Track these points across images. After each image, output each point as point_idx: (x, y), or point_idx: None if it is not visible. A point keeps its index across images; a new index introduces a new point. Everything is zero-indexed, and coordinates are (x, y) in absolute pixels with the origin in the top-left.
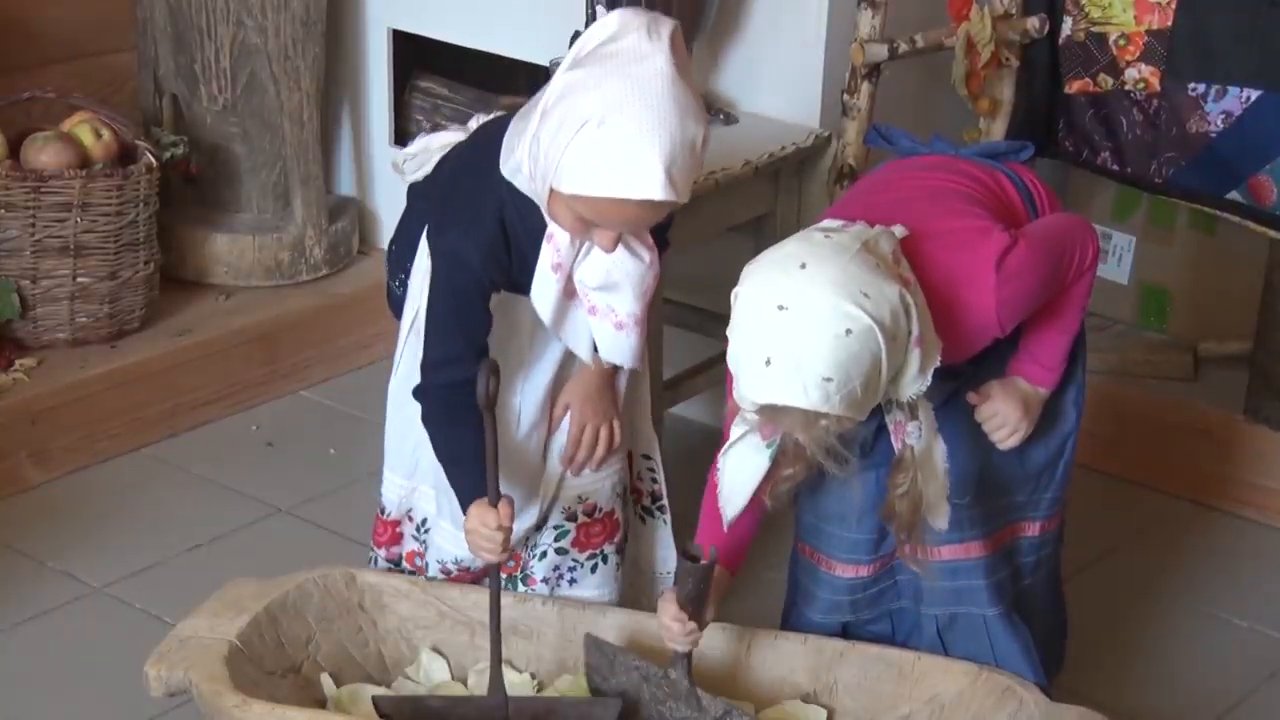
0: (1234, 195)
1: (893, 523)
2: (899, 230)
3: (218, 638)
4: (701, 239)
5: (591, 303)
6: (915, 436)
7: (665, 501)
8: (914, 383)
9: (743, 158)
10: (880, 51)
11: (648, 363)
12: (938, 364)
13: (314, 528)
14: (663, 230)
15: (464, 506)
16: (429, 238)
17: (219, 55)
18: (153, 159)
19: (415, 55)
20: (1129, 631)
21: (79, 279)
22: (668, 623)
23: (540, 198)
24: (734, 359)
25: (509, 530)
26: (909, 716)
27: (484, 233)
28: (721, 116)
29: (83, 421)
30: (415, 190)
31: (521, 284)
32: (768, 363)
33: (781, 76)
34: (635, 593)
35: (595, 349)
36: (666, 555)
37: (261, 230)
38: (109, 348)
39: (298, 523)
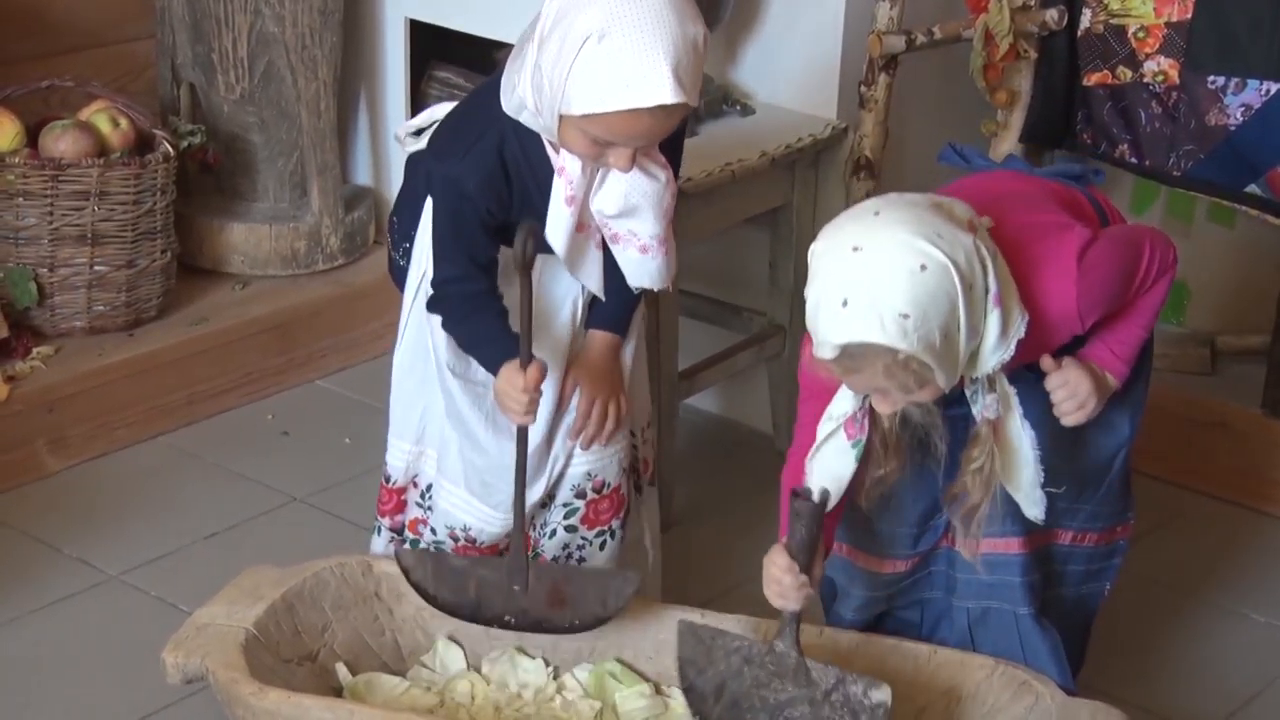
0: (1253, 188)
1: (957, 504)
2: (986, 221)
3: (234, 625)
4: (717, 230)
5: (613, 231)
6: (993, 410)
7: (653, 470)
8: (996, 351)
9: (759, 149)
10: (897, 43)
11: (644, 340)
12: (1021, 335)
13: (329, 516)
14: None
15: (493, 372)
16: (427, 166)
17: (236, 44)
18: (170, 148)
19: (432, 44)
20: (1144, 625)
21: (96, 267)
22: (779, 575)
23: (549, 128)
24: (813, 306)
25: (535, 394)
26: (925, 709)
27: (482, 163)
28: (738, 108)
29: (99, 410)
30: (414, 160)
31: (522, 219)
32: (845, 303)
33: (798, 68)
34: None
35: (605, 285)
36: (654, 524)
37: (278, 219)
38: (126, 336)
39: (313, 511)
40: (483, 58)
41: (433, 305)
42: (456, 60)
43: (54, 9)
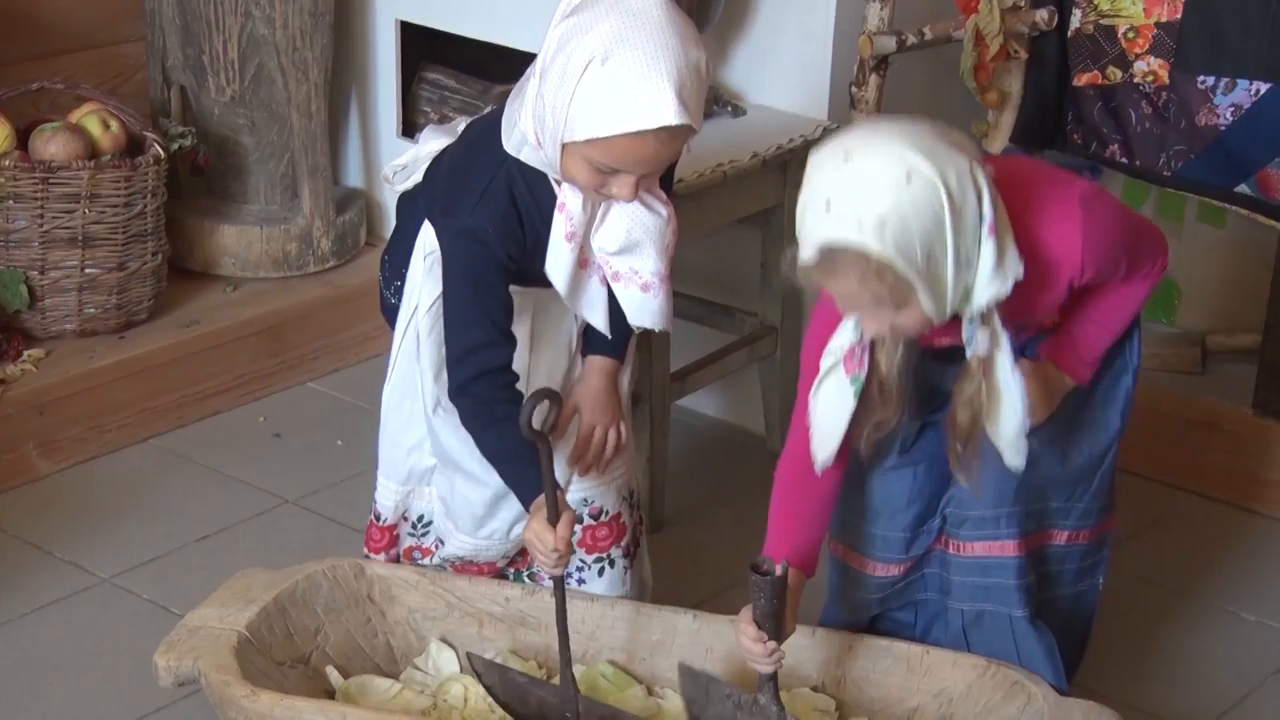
0: (1243, 188)
1: (952, 431)
2: (989, 169)
3: (227, 628)
4: (709, 231)
5: (614, 269)
6: (984, 346)
7: (640, 513)
8: (991, 284)
9: (750, 150)
10: (888, 44)
11: (637, 367)
12: (1019, 276)
13: (321, 519)
14: None
15: (524, 504)
16: (436, 225)
17: (227, 46)
18: (161, 150)
19: (423, 46)
20: (1136, 625)
21: (87, 270)
22: (748, 645)
23: (552, 161)
24: (800, 208)
25: (566, 551)
26: (917, 710)
27: (496, 207)
28: (729, 109)
29: (90, 412)
30: (406, 199)
31: (534, 262)
32: (828, 205)
33: (789, 69)
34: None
35: (609, 321)
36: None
37: (269, 222)
38: (117, 339)
39: (305, 514)
40: (473, 60)
41: (453, 396)
42: (447, 62)
43: (45, 11)
